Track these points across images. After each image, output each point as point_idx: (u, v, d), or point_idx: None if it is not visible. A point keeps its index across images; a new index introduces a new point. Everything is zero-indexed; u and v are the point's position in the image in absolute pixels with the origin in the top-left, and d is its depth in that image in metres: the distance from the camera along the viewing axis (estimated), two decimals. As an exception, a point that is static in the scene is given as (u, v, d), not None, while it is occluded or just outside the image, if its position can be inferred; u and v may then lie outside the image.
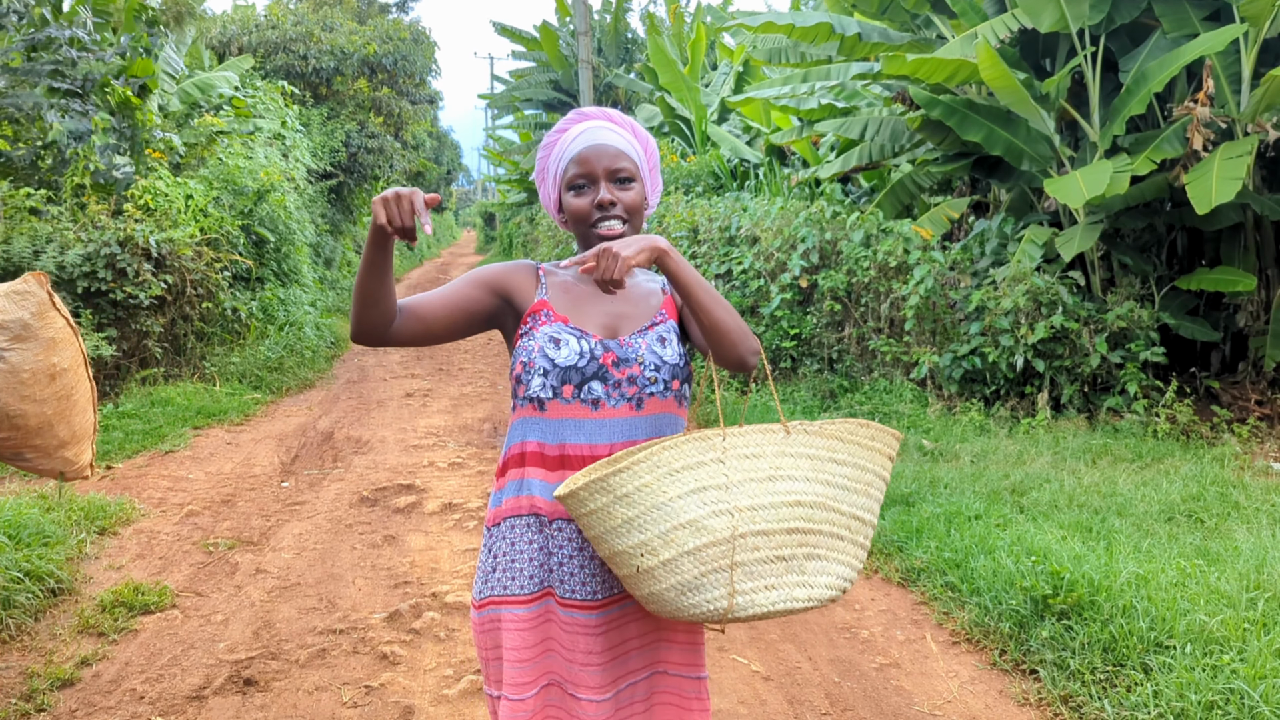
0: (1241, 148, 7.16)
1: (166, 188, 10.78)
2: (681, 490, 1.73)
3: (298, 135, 16.07)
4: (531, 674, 2.01)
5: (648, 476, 1.73)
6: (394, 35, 19.91)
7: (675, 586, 1.74)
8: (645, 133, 2.14)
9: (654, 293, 2.12)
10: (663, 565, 1.74)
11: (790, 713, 3.68)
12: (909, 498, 5.89)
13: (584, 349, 1.97)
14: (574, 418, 1.96)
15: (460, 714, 3.65)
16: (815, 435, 1.81)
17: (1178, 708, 3.30)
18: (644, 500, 1.73)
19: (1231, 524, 5.29)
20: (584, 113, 2.11)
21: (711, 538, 1.72)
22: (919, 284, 8.53)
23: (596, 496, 1.76)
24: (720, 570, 1.72)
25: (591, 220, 2.00)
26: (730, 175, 15.23)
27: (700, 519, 1.72)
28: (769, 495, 1.75)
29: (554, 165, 2.08)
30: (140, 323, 9.56)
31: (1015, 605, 4.16)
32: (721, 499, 1.73)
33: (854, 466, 1.84)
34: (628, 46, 29.51)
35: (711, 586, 1.73)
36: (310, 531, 5.87)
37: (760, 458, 1.77)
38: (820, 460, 1.81)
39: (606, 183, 2.00)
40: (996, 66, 7.50)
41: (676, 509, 1.73)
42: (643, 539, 1.74)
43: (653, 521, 1.73)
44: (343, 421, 9.07)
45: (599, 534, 1.80)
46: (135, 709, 3.72)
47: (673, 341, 2.03)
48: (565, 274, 2.11)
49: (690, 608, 1.75)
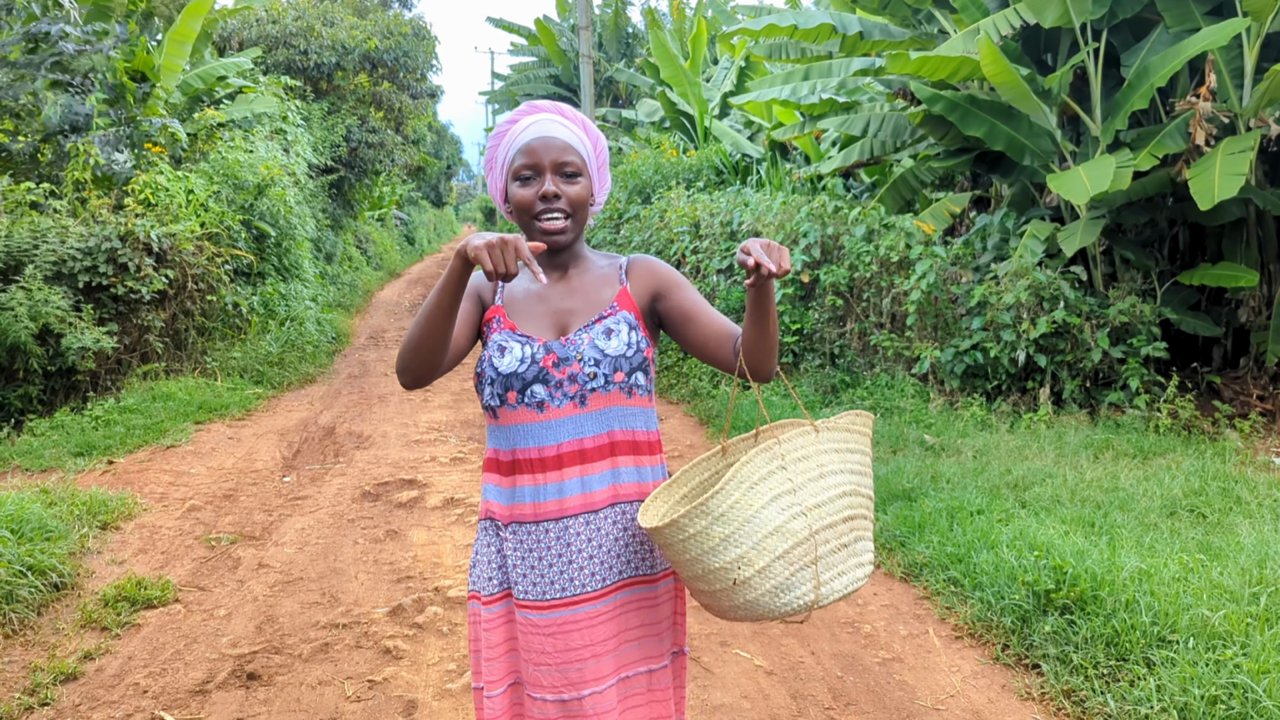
0: (1244, 143, 7.16)
1: (167, 182, 10.78)
2: (763, 501, 1.85)
3: (299, 130, 16.05)
4: (500, 670, 2.06)
5: (736, 494, 1.84)
6: (395, 30, 19.86)
7: (770, 590, 1.85)
8: (596, 130, 2.15)
9: (608, 282, 2.11)
10: (758, 573, 1.84)
11: (793, 707, 3.68)
12: (911, 493, 5.89)
13: (525, 355, 1.99)
14: (522, 423, 2.00)
15: (463, 708, 3.66)
16: (834, 430, 1.96)
17: (1180, 702, 3.30)
18: (737, 516, 1.84)
19: (1234, 519, 5.29)
20: (536, 105, 2.11)
21: (795, 539, 1.85)
22: (921, 279, 8.53)
23: (697, 521, 1.84)
24: (806, 567, 1.85)
25: (535, 211, 2.01)
26: (733, 170, 15.22)
27: (783, 524, 1.85)
28: (825, 491, 1.90)
29: (502, 154, 2.08)
30: (141, 317, 9.55)
31: (1018, 600, 4.16)
32: (794, 502, 1.87)
33: (861, 452, 2.00)
34: (628, 41, 29.50)
35: (800, 584, 1.86)
36: (312, 526, 5.87)
37: (809, 458, 1.91)
38: (842, 452, 1.96)
39: (553, 175, 2.01)
40: (999, 62, 7.49)
41: (764, 519, 1.84)
42: (739, 553, 1.84)
43: (747, 535, 1.84)
44: (344, 416, 9.07)
45: (695, 556, 1.86)
46: (139, 703, 3.72)
47: (621, 333, 2.02)
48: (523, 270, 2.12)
49: (782, 606, 1.86)
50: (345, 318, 16.18)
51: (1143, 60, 7.98)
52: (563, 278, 2.10)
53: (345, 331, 14.75)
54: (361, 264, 22.50)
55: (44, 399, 8.84)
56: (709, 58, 22.80)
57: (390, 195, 28.01)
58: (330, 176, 18.60)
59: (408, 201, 36.52)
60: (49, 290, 8.57)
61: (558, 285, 2.09)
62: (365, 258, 23.65)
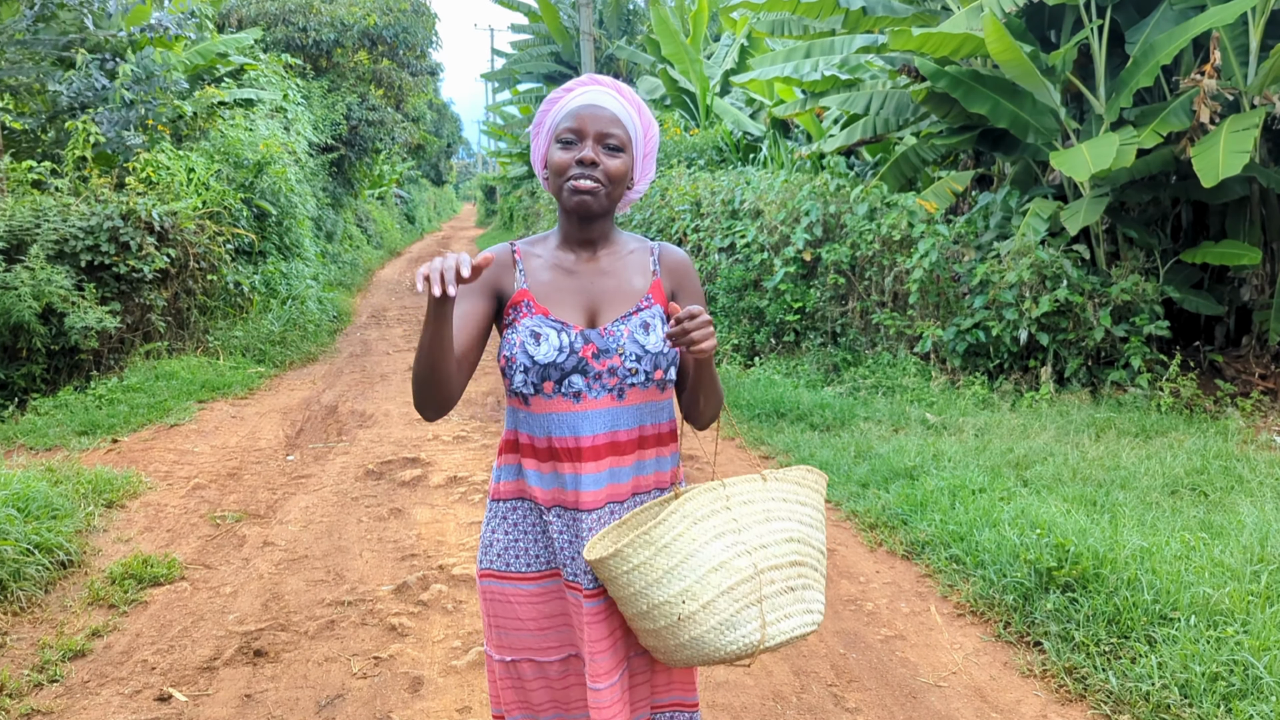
0: (1248, 120, 7.13)
1: (168, 160, 10.75)
2: (708, 537, 1.86)
3: (299, 108, 15.99)
4: (554, 640, 2.07)
5: (680, 526, 1.85)
6: (394, 7, 19.76)
7: (715, 627, 1.85)
8: (651, 116, 2.11)
9: (640, 268, 2.09)
10: (703, 608, 1.84)
11: (796, 684, 3.71)
12: (912, 471, 5.91)
13: (563, 343, 1.96)
14: (557, 412, 1.97)
15: (469, 684, 3.69)
16: (783, 481, 1.99)
17: (1182, 679, 3.33)
18: (681, 549, 1.84)
19: (1235, 497, 5.31)
20: (595, 78, 2.09)
21: (740, 576, 1.85)
22: (923, 257, 8.52)
23: (640, 551, 1.84)
24: (751, 605, 1.86)
25: (569, 173, 1.97)
26: (734, 149, 15.17)
27: (728, 560, 1.85)
28: (771, 534, 1.91)
29: (550, 120, 2.05)
30: (143, 296, 9.55)
31: (1019, 578, 4.18)
32: (738, 541, 1.88)
33: (812, 506, 2.02)
34: (629, 18, 29.33)
35: (745, 621, 1.85)
36: (317, 504, 5.89)
37: (754, 503, 1.94)
38: (791, 502, 1.98)
39: (594, 144, 1.97)
40: (1003, 39, 7.45)
41: (708, 554, 1.85)
42: (684, 586, 1.84)
43: (690, 569, 1.84)
44: (347, 395, 9.08)
45: (639, 590, 1.86)
46: (147, 679, 3.75)
47: (656, 328, 2.01)
48: (542, 251, 2.08)
49: (728, 645, 1.86)
50: (346, 296, 16.17)
51: (1147, 37, 7.94)
52: (592, 258, 2.07)
53: (346, 310, 14.75)
54: (362, 242, 22.47)
55: (47, 378, 8.85)
56: (710, 35, 22.69)
57: (390, 173, 27.97)
58: (330, 155, 18.54)
59: (408, 180, 36.44)
60: (52, 269, 8.57)
61: (587, 265, 2.06)
62: (366, 236, 23.62)
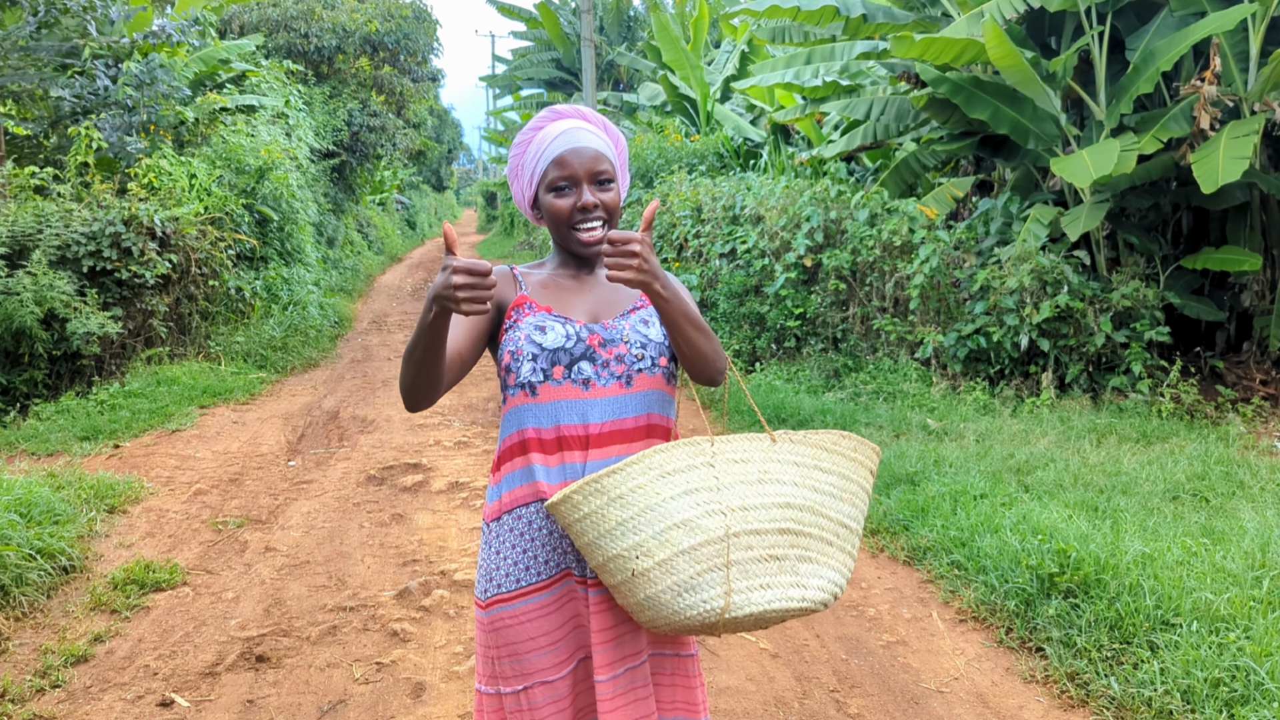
0: (1248, 127, 7.15)
1: (170, 166, 10.77)
2: (674, 492, 1.75)
3: (301, 114, 16.02)
4: (565, 652, 2.02)
5: (641, 479, 1.75)
6: (395, 13, 19.81)
7: (671, 588, 1.74)
8: (615, 130, 2.16)
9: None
10: (658, 566, 1.74)
11: (798, 690, 3.71)
12: (914, 476, 5.91)
13: (570, 332, 1.99)
14: (566, 399, 1.98)
15: (470, 690, 3.69)
16: (800, 444, 1.84)
17: (1184, 685, 3.33)
18: (638, 501, 1.75)
19: (1236, 503, 5.31)
20: (558, 111, 2.11)
21: (706, 536, 1.73)
22: (924, 263, 8.53)
23: (590, 499, 1.76)
24: (716, 569, 1.73)
25: (573, 222, 2.01)
26: (735, 155, 15.19)
27: (694, 519, 1.74)
28: (759, 496, 1.78)
29: (530, 163, 2.07)
30: (145, 301, 9.56)
31: (1021, 583, 4.18)
32: (713, 499, 1.75)
33: (839, 475, 1.87)
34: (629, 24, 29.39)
35: (708, 586, 1.74)
36: (318, 510, 5.90)
37: (749, 463, 1.80)
38: (806, 467, 1.84)
39: (589, 185, 2.01)
40: (1004, 45, 7.47)
41: (670, 509, 1.74)
42: (637, 540, 1.74)
43: (647, 523, 1.74)
44: (348, 400, 9.09)
45: (592, 540, 1.80)
46: (149, 685, 3.75)
47: (655, 322, 2.05)
48: (539, 272, 2.12)
49: (687, 609, 1.75)
50: (347, 302, 16.18)
51: (1147, 44, 7.96)
52: (590, 273, 2.11)
53: (347, 316, 14.76)
54: (363, 248, 22.50)
55: (49, 383, 8.86)
56: (710, 41, 22.73)
57: (391, 179, 27.98)
58: (332, 160, 18.58)
59: (409, 185, 36.47)
60: (54, 275, 8.58)
61: (587, 278, 2.11)
62: (367, 242, 23.64)
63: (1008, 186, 9.72)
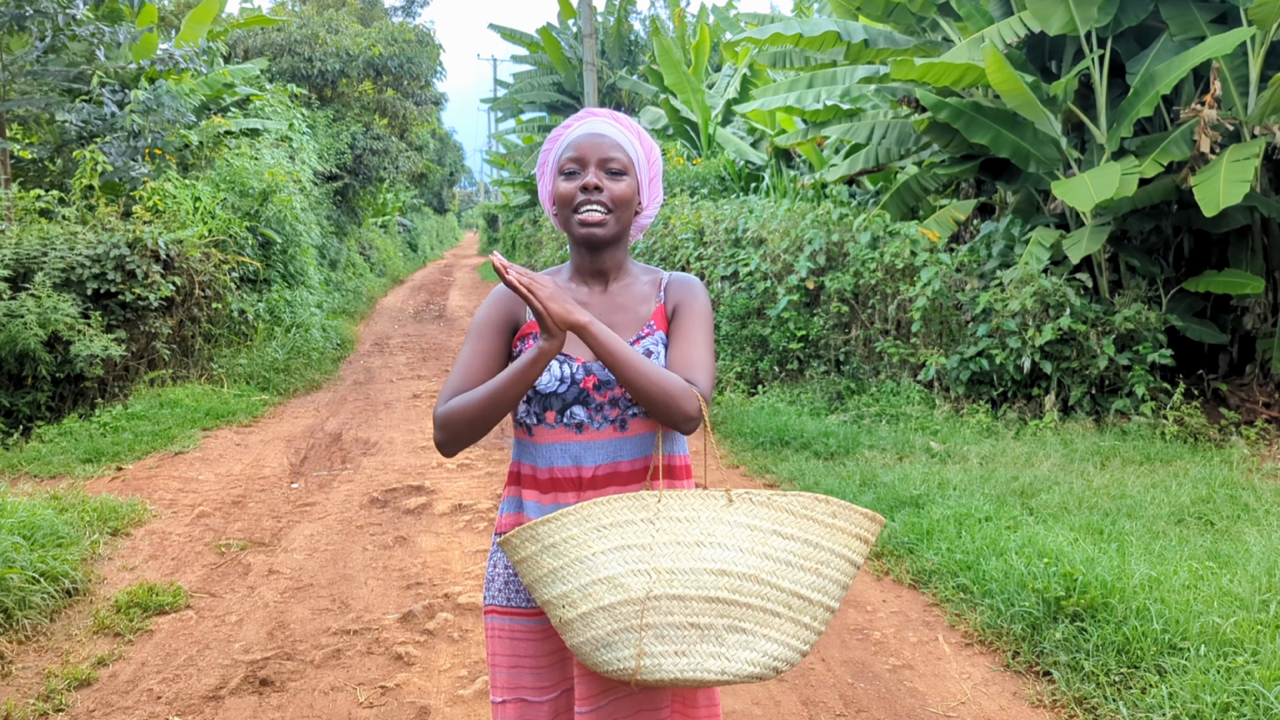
0: (1249, 150, 7.18)
1: (175, 189, 10.81)
2: (605, 546, 1.74)
3: (304, 137, 16.11)
4: (549, 679, 2.05)
5: (575, 530, 1.75)
6: (399, 37, 19.95)
7: (590, 641, 1.75)
8: (650, 140, 2.11)
9: (647, 299, 2.06)
10: (580, 618, 1.75)
11: (804, 714, 3.69)
12: (918, 500, 5.90)
13: (565, 374, 1.95)
14: (560, 442, 1.96)
15: (475, 714, 3.67)
16: (760, 505, 1.76)
17: (1193, 709, 3.31)
18: (569, 552, 1.75)
19: (1242, 526, 5.30)
20: (592, 110, 2.10)
21: (626, 595, 1.72)
22: (926, 286, 8.55)
23: (527, 544, 1.79)
24: (631, 629, 1.72)
25: (575, 203, 1.96)
26: (737, 178, 15.25)
27: (618, 575, 1.73)
28: (692, 560, 1.72)
29: (553, 157, 2.05)
30: (149, 324, 9.58)
31: (1027, 607, 4.16)
32: (641, 558, 1.73)
33: (803, 542, 1.76)
34: (630, 49, 29.54)
35: (622, 645, 1.72)
36: (321, 533, 5.88)
37: (693, 522, 1.75)
38: (761, 531, 1.75)
39: (596, 169, 1.97)
40: (1004, 70, 7.51)
41: (597, 564, 1.74)
42: (564, 590, 1.76)
43: (574, 574, 1.75)
44: (350, 423, 9.09)
45: (530, 582, 1.83)
46: (153, 709, 3.74)
47: (659, 354, 1.97)
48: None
49: (603, 664, 1.75)
50: (350, 324, 16.21)
51: (1148, 68, 8.01)
52: (604, 290, 2.06)
53: (350, 338, 14.78)
54: (365, 270, 22.56)
55: (52, 405, 8.87)
56: (711, 65, 22.85)
57: (394, 202, 28.09)
58: (335, 183, 18.66)
59: (411, 208, 36.62)
60: (58, 297, 8.60)
61: (599, 297, 2.05)
62: (369, 264, 23.71)
63: (1009, 209, 9.75)
